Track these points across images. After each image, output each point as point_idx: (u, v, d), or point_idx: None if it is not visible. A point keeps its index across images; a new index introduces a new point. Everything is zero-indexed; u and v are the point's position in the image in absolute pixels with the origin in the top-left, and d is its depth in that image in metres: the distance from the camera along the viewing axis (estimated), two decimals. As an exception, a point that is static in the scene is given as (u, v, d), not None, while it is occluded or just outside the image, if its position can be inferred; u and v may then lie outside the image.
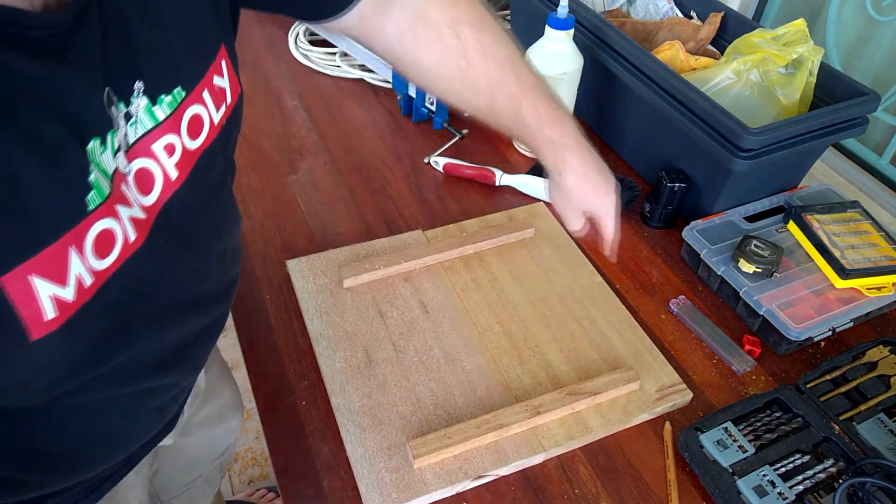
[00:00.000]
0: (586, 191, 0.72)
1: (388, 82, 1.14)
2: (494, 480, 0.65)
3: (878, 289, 0.79)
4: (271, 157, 1.01)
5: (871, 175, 1.11)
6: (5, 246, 0.35)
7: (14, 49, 0.33)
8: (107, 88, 0.39)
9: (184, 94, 0.46)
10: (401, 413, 0.68)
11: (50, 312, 0.38)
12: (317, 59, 1.20)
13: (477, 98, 0.68)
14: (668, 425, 0.70)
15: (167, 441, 0.69)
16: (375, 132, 1.07)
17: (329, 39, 1.20)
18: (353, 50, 1.16)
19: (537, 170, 0.97)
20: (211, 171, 0.51)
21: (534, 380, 0.72)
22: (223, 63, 0.50)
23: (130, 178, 0.42)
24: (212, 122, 0.49)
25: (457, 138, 1.04)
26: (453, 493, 0.64)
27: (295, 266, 0.82)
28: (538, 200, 0.95)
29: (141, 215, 0.43)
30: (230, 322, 0.78)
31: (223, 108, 0.51)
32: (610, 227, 0.73)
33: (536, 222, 0.90)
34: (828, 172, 1.11)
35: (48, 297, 0.37)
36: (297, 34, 1.24)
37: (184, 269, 0.51)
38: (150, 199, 0.44)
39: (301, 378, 0.72)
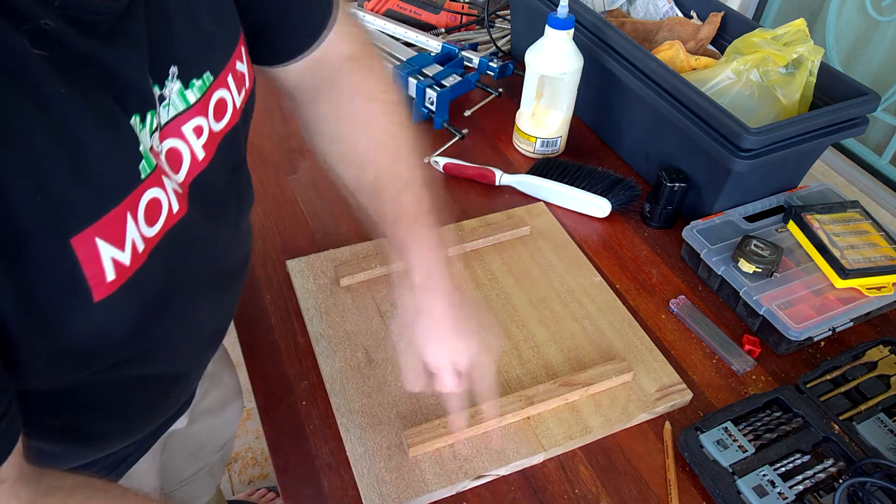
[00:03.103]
0: (433, 340, 0.59)
1: (388, 82, 1.14)
2: (494, 480, 0.65)
3: (878, 289, 0.79)
4: (271, 157, 1.01)
5: (871, 175, 1.11)
6: (77, 208, 0.37)
7: (75, 30, 0.36)
8: (148, 71, 0.42)
9: (212, 78, 0.48)
10: (401, 413, 0.68)
11: (111, 274, 0.40)
12: (317, 59, 1.20)
13: (349, 169, 0.64)
14: (668, 425, 0.70)
15: (180, 423, 0.71)
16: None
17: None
18: (353, 50, 1.16)
19: (538, 169, 0.97)
20: (232, 151, 0.54)
21: (534, 380, 0.72)
22: (243, 49, 0.53)
23: (162, 157, 0.45)
24: (234, 105, 0.52)
25: (457, 138, 1.04)
26: (453, 492, 0.64)
27: (295, 266, 0.82)
28: (538, 200, 0.95)
29: (179, 189, 0.46)
30: (230, 322, 0.78)
31: (243, 92, 0.53)
32: (449, 385, 0.59)
33: (536, 222, 0.90)
34: (828, 172, 1.11)
35: (109, 259, 0.40)
36: (297, 34, 1.24)
37: (214, 241, 0.53)
38: (180, 178, 0.47)
39: (301, 378, 0.72)
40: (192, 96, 0.46)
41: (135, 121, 0.41)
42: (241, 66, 0.52)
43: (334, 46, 0.63)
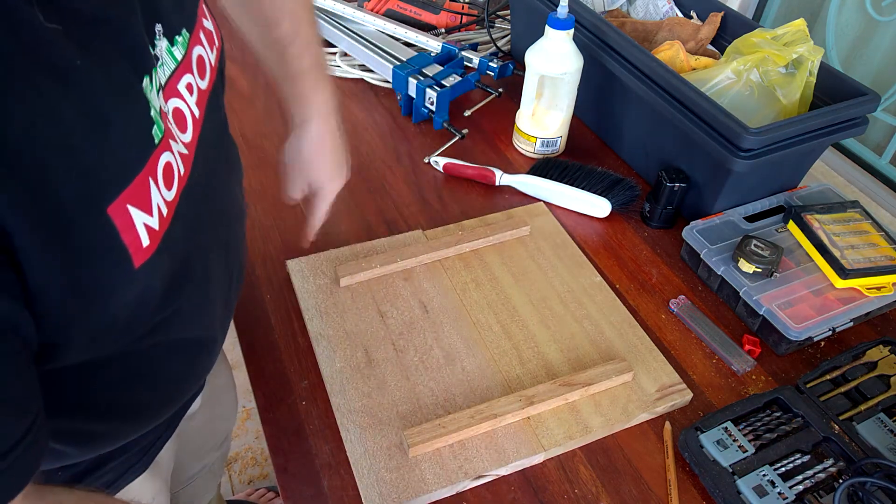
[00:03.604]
0: (318, 161, 0.72)
1: (388, 82, 1.14)
2: (494, 480, 0.65)
3: (878, 288, 0.79)
4: (271, 157, 1.01)
5: (871, 175, 1.11)
6: (107, 177, 0.38)
7: None
8: (143, 30, 0.42)
9: (188, 35, 0.48)
10: (401, 413, 0.68)
11: (145, 240, 0.41)
12: (317, 59, 1.20)
13: (255, 28, 0.68)
14: (668, 425, 0.70)
15: (195, 406, 0.72)
16: (375, 132, 1.07)
17: (329, 39, 1.20)
18: (353, 50, 1.16)
19: (538, 169, 0.97)
20: (217, 109, 0.54)
21: (534, 380, 0.72)
22: (204, 6, 0.53)
23: (170, 118, 0.45)
24: (210, 61, 0.52)
25: (457, 138, 1.04)
26: (453, 492, 0.64)
27: (295, 266, 0.82)
28: (538, 200, 0.95)
29: (185, 151, 0.47)
30: (231, 322, 0.78)
31: (215, 50, 0.54)
32: (322, 209, 0.75)
33: (536, 221, 0.90)
34: (828, 172, 1.11)
35: (142, 225, 0.41)
36: (297, 34, 1.24)
37: (215, 203, 0.55)
38: (187, 137, 0.47)
39: (301, 378, 0.72)
40: (178, 53, 0.47)
41: (146, 83, 0.42)
42: (207, 23, 0.53)
43: None
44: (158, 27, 0.44)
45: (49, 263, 0.35)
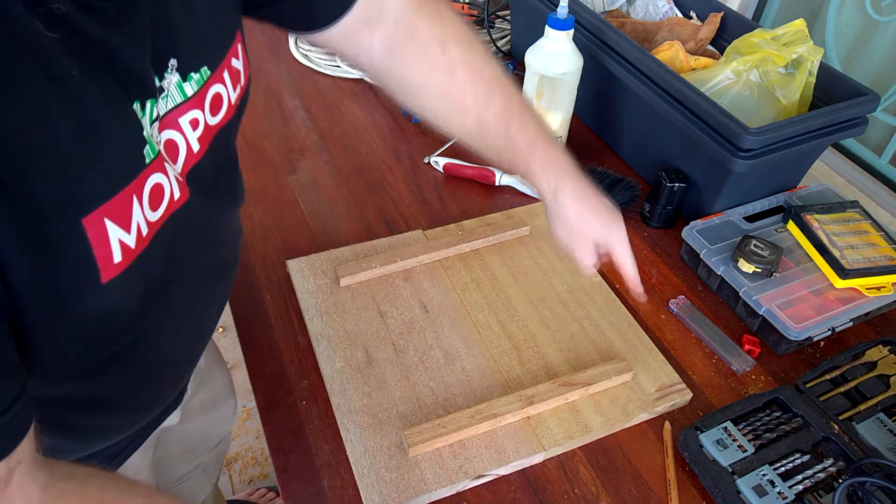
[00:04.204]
0: (591, 218, 0.68)
1: (388, 82, 1.14)
2: (494, 480, 0.65)
3: (878, 288, 0.79)
4: (271, 157, 1.01)
5: (871, 175, 1.11)
6: (89, 188, 0.38)
7: (84, 15, 0.37)
8: (150, 61, 0.43)
9: (209, 73, 0.49)
10: (401, 413, 0.68)
11: (117, 256, 0.41)
12: (317, 60, 1.20)
13: (465, 119, 0.66)
14: (667, 425, 0.70)
15: (172, 419, 0.71)
16: (375, 132, 1.07)
17: (329, 39, 1.20)
18: (353, 50, 1.16)
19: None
20: (225, 145, 0.55)
21: (534, 380, 0.72)
22: (239, 46, 0.54)
23: (161, 148, 0.45)
24: (230, 100, 0.52)
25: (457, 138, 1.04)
26: (453, 492, 0.64)
27: (295, 266, 0.82)
28: (538, 200, 0.95)
29: (179, 177, 0.47)
30: (230, 322, 0.79)
31: (238, 89, 0.54)
32: (627, 258, 0.68)
33: (535, 221, 0.90)
34: (827, 172, 1.12)
35: (117, 240, 0.40)
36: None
37: (209, 230, 0.55)
38: (177, 168, 0.47)
39: (301, 378, 0.72)
40: (189, 89, 0.47)
41: (136, 107, 0.42)
42: (237, 63, 0.53)
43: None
44: (173, 62, 0.45)
45: (19, 260, 0.36)
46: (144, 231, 0.43)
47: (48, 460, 0.42)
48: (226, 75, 0.51)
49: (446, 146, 1.03)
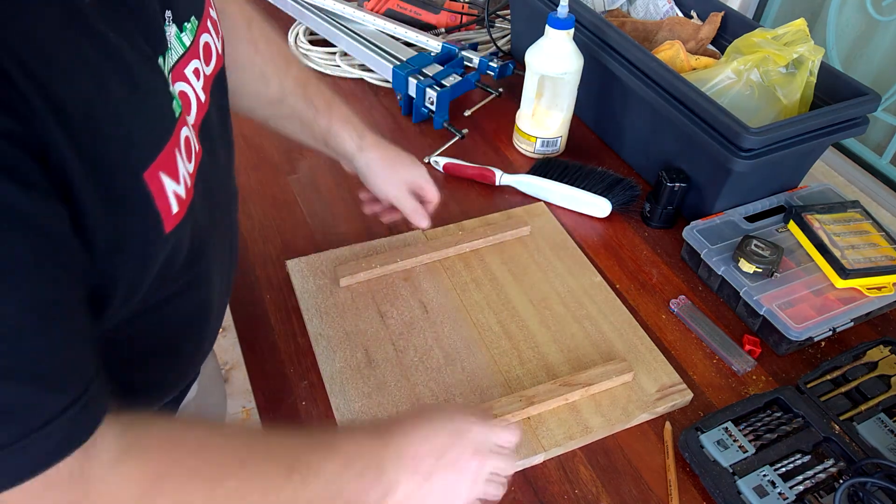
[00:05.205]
0: (398, 164, 0.77)
1: (388, 82, 1.14)
2: None
3: (879, 289, 0.79)
4: (271, 157, 1.01)
5: (872, 175, 1.10)
6: (143, 144, 0.40)
7: None
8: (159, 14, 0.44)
9: (197, 22, 0.50)
10: (401, 413, 0.68)
11: (175, 207, 0.43)
12: (317, 59, 1.20)
13: (268, 87, 0.71)
14: (668, 425, 0.70)
15: (192, 393, 0.72)
16: (375, 132, 1.07)
17: (329, 39, 1.20)
18: (352, 50, 1.16)
19: (538, 169, 0.97)
20: (222, 95, 0.56)
21: (534, 380, 0.72)
22: None
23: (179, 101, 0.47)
24: (216, 48, 0.54)
25: (457, 138, 1.04)
26: (453, 493, 0.63)
27: (295, 266, 0.82)
28: (538, 200, 0.95)
29: (193, 130, 0.49)
30: (230, 322, 0.78)
31: (220, 37, 0.55)
32: (433, 189, 0.79)
33: (536, 221, 0.90)
34: (828, 172, 1.11)
35: (172, 192, 0.43)
36: (297, 34, 1.24)
37: (218, 182, 0.56)
38: (191, 120, 0.49)
39: (301, 378, 0.72)
40: (186, 39, 0.48)
41: (160, 61, 0.43)
42: (213, 12, 0.55)
43: None
44: (168, 13, 0.46)
45: (103, 220, 0.38)
46: (189, 182, 0.45)
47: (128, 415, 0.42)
48: (209, 24, 0.53)
49: (446, 146, 1.03)
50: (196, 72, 0.49)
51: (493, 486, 0.56)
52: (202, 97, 0.50)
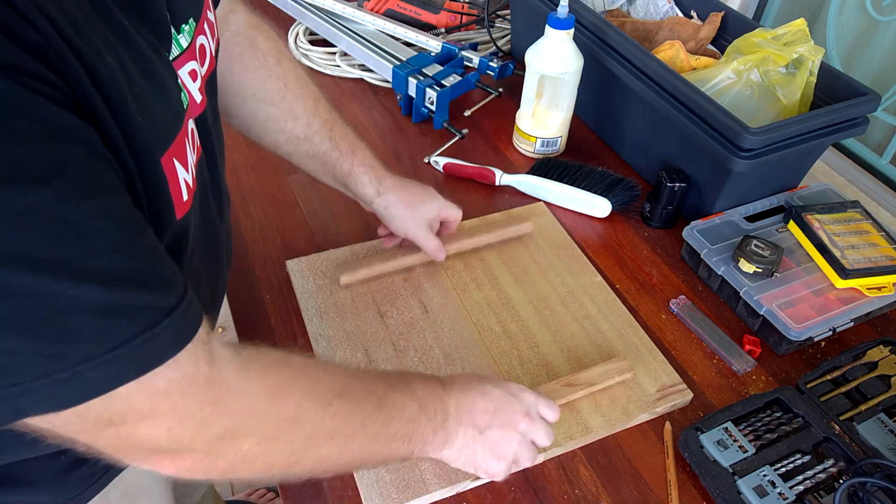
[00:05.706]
0: (418, 202, 0.77)
1: (388, 82, 1.14)
2: (495, 481, 0.65)
3: (879, 289, 0.79)
4: (271, 157, 1.00)
5: (872, 175, 1.10)
6: (160, 130, 0.41)
7: None
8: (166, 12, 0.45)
9: (194, 24, 0.51)
10: (401, 413, 0.68)
11: (185, 194, 0.44)
12: (317, 59, 1.20)
13: (296, 123, 0.72)
14: (668, 425, 0.70)
15: None
16: (375, 132, 1.07)
17: (329, 39, 1.20)
18: (352, 50, 1.16)
19: (538, 169, 0.97)
20: (214, 94, 0.57)
21: (534, 380, 0.72)
22: None
23: None
24: (211, 50, 0.55)
25: (457, 138, 1.04)
26: (453, 493, 0.63)
27: (295, 266, 0.82)
28: (538, 200, 0.95)
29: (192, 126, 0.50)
30: (230, 322, 0.78)
31: (214, 39, 0.56)
32: (455, 211, 0.80)
33: (536, 221, 0.90)
34: (828, 172, 1.11)
35: (182, 180, 0.44)
36: (297, 34, 1.24)
37: (214, 178, 0.57)
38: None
39: (301, 378, 0.72)
40: (183, 41, 0.49)
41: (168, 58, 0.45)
42: (210, 14, 0.56)
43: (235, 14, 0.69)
44: (168, 15, 0.47)
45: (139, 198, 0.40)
46: (194, 172, 0.46)
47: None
48: (205, 26, 0.53)
49: (446, 146, 1.03)
50: (193, 73, 0.50)
51: (532, 453, 0.61)
52: (198, 98, 0.51)
